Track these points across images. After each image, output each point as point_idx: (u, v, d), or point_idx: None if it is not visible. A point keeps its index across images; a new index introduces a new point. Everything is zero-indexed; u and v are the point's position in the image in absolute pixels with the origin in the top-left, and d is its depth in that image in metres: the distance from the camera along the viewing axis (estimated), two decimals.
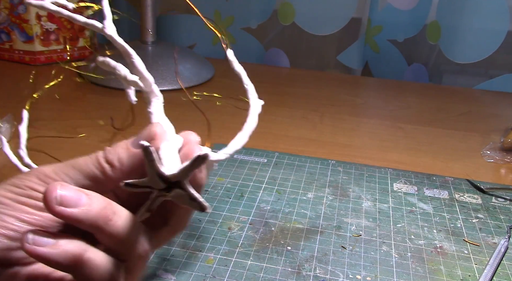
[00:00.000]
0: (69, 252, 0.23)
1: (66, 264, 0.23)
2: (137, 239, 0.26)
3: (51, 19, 0.88)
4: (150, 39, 0.87)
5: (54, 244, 0.23)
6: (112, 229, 0.24)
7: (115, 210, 0.25)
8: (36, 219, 0.24)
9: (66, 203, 0.23)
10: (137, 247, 0.26)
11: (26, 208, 0.24)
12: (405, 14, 0.93)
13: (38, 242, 0.23)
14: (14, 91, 0.75)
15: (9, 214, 0.24)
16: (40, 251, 0.23)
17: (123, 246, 0.25)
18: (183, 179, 0.24)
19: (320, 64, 0.99)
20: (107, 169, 0.26)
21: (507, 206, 0.51)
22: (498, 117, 0.78)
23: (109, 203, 0.24)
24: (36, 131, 0.60)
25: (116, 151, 0.26)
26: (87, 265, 0.23)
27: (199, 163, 0.24)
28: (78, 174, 0.26)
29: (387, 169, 0.58)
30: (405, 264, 0.41)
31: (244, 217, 0.47)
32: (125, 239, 0.25)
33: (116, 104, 0.72)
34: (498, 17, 0.85)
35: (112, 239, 0.24)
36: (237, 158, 0.58)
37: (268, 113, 0.74)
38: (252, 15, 0.99)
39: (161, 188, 0.25)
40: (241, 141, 0.33)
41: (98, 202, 0.24)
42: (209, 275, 0.39)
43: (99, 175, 0.26)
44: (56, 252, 0.23)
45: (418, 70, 0.96)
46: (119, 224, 0.24)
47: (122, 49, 0.31)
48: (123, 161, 0.26)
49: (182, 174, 0.24)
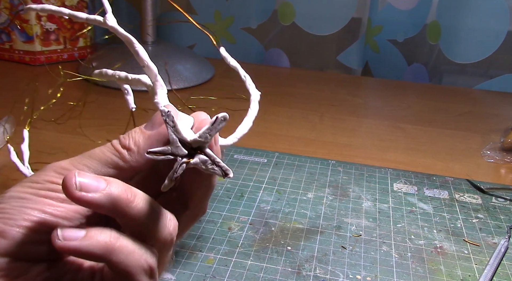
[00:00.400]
0: (101, 242, 0.23)
1: (100, 254, 0.23)
2: (161, 221, 0.25)
3: (51, 19, 0.88)
4: (150, 39, 0.87)
5: (85, 236, 0.23)
6: (134, 211, 0.24)
7: (136, 192, 0.24)
8: (59, 210, 0.24)
9: (85, 189, 0.23)
10: (161, 230, 0.25)
11: (48, 200, 0.24)
12: (405, 14, 0.93)
13: (68, 237, 0.22)
14: (14, 91, 0.75)
15: (31, 207, 0.24)
16: (72, 245, 0.22)
17: (147, 228, 0.25)
18: (204, 144, 0.25)
19: (320, 64, 0.99)
20: (124, 154, 0.26)
21: (507, 206, 0.51)
22: (498, 117, 0.78)
23: (129, 187, 0.24)
24: (36, 131, 0.61)
25: (131, 135, 0.27)
26: (121, 251, 0.23)
27: (219, 123, 0.24)
28: (96, 163, 0.26)
29: (387, 169, 0.58)
30: (405, 264, 0.41)
31: (244, 217, 0.47)
32: (148, 221, 0.25)
33: (116, 104, 0.72)
34: (498, 17, 0.85)
35: (135, 222, 0.24)
36: (237, 158, 0.58)
37: (268, 113, 0.74)
38: (252, 15, 0.99)
39: (183, 155, 0.25)
40: (247, 126, 0.35)
41: (117, 186, 0.24)
42: (209, 275, 0.39)
43: (117, 161, 0.26)
44: (88, 243, 0.23)
45: (418, 70, 0.96)
46: (141, 206, 0.24)
47: (125, 38, 0.31)
48: (139, 143, 0.26)
49: (203, 137, 0.24)
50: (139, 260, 0.24)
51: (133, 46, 0.31)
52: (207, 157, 0.25)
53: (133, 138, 0.26)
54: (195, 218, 0.30)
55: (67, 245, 0.22)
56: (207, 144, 0.25)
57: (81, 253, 0.23)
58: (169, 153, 0.24)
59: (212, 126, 0.24)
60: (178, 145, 0.24)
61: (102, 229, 0.24)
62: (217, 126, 0.24)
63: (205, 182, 0.29)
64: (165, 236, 0.26)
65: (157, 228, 0.25)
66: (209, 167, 0.25)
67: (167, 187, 0.25)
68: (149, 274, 0.25)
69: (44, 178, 0.25)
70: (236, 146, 0.60)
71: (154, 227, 0.25)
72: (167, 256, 0.27)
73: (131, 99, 0.40)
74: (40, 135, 0.61)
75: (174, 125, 0.24)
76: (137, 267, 0.24)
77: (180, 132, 0.24)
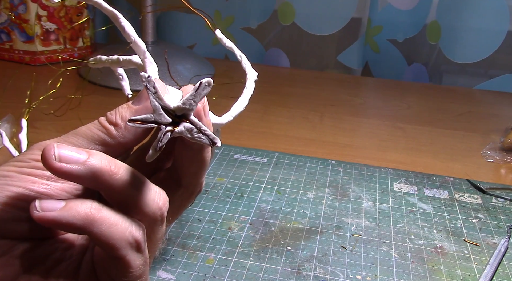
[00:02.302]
0: (81, 212, 0.22)
1: (80, 224, 0.22)
2: (147, 194, 0.24)
3: (51, 19, 0.88)
4: (150, 39, 0.87)
5: (64, 206, 0.22)
6: (118, 183, 0.23)
7: (120, 165, 0.23)
8: (44, 188, 0.23)
9: (65, 160, 0.22)
10: (149, 204, 0.24)
11: (32, 177, 0.23)
12: (405, 14, 0.93)
13: (46, 208, 0.22)
14: (14, 91, 0.75)
15: (15, 184, 0.23)
16: (50, 216, 0.21)
17: (133, 201, 0.24)
18: (189, 111, 0.23)
19: (320, 64, 0.99)
20: (111, 129, 0.25)
21: (507, 206, 0.51)
22: (498, 117, 0.78)
23: (113, 159, 0.23)
24: (36, 131, 0.61)
25: (118, 111, 0.26)
26: (103, 223, 0.22)
27: (203, 89, 0.23)
28: (82, 140, 0.25)
29: (387, 169, 0.58)
30: (405, 264, 0.41)
31: (244, 217, 0.47)
32: (134, 193, 0.24)
33: (116, 104, 0.72)
34: (498, 17, 0.85)
35: (119, 195, 0.23)
36: (237, 158, 0.58)
37: (268, 113, 0.74)
38: (252, 15, 0.99)
39: (167, 123, 0.23)
40: (242, 104, 0.34)
41: (100, 158, 0.23)
42: (209, 275, 0.39)
43: (104, 137, 0.25)
44: (67, 214, 0.22)
45: (418, 70, 0.96)
46: (126, 178, 0.23)
47: (110, 13, 0.31)
48: (126, 118, 0.25)
49: (187, 104, 0.23)
50: (123, 233, 0.23)
51: (119, 21, 0.30)
52: (193, 125, 0.24)
53: (119, 113, 0.26)
54: (191, 196, 0.29)
55: (45, 216, 0.21)
56: (192, 112, 0.24)
57: (59, 224, 0.22)
58: (151, 121, 0.23)
59: (196, 91, 0.23)
60: (161, 113, 0.23)
61: (83, 200, 0.23)
62: (201, 92, 0.23)
63: (197, 157, 0.28)
64: (154, 211, 0.25)
65: (144, 202, 0.24)
66: (195, 136, 0.24)
67: (151, 158, 0.23)
68: (135, 248, 0.24)
69: (29, 156, 0.24)
70: (236, 146, 0.60)
71: (140, 200, 0.24)
72: (158, 232, 0.26)
73: (126, 85, 0.39)
74: (39, 135, 0.61)
75: (155, 91, 0.23)
76: (121, 239, 0.23)
77: (162, 99, 0.23)
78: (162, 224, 0.26)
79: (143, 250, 0.24)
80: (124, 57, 0.34)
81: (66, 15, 0.90)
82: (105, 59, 0.36)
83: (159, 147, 0.23)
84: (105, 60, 0.36)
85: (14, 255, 0.23)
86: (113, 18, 0.30)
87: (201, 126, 0.24)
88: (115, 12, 0.30)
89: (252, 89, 0.36)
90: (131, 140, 0.26)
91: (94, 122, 0.26)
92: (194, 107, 0.23)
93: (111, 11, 0.30)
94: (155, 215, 0.25)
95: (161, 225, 0.26)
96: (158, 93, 0.23)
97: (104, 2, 0.31)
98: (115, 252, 0.23)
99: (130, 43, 0.31)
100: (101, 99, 0.73)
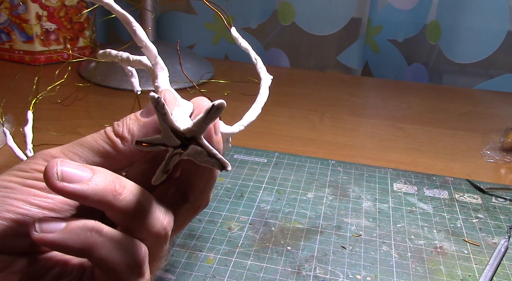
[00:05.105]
0: (81, 236, 0.21)
1: (80, 248, 0.21)
2: (153, 214, 0.23)
3: (51, 19, 0.88)
4: (150, 39, 0.87)
5: (64, 228, 0.21)
6: (122, 204, 0.22)
7: (124, 183, 0.23)
8: (45, 201, 0.23)
9: (68, 179, 0.21)
10: (153, 224, 0.23)
11: (34, 190, 0.23)
12: (405, 14, 0.94)
13: (46, 229, 0.21)
14: (14, 91, 0.75)
15: (16, 197, 0.22)
16: (49, 238, 0.21)
17: (137, 221, 0.23)
18: (199, 134, 0.22)
19: (320, 64, 0.99)
20: (117, 143, 0.24)
21: (507, 206, 0.51)
22: (498, 117, 0.78)
23: (117, 177, 0.22)
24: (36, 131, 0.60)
25: (125, 123, 0.25)
26: (103, 247, 0.22)
27: (214, 112, 0.22)
28: (87, 152, 0.24)
29: (387, 169, 0.58)
30: (405, 264, 0.41)
31: (244, 217, 0.47)
32: (138, 213, 0.23)
33: (116, 104, 0.72)
34: (498, 17, 0.85)
35: (124, 215, 0.23)
36: (237, 158, 0.58)
37: (268, 113, 0.74)
38: (252, 15, 0.99)
39: (176, 145, 0.22)
40: (255, 113, 0.32)
41: (104, 176, 0.22)
42: (209, 275, 0.39)
43: (110, 150, 0.24)
44: (66, 237, 0.21)
45: (418, 70, 0.96)
46: (130, 198, 0.22)
47: (122, 17, 0.30)
48: (133, 132, 0.25)
49: (198, 127, 0.22)
50: (124, 257, 0.22)
51: (131, 25, 0.29)
52: (203, 148, 0.23)
53: (127, 125, 0.25)
54: (197, 211, 0.28)
55: (44, 238, 0.21)
56: (201, 134, 0.23)
57: (59, 247, 0.21)
58: (159, 143, 0.22)
59: (207, 115, 0.22)
60: (170, 135, 0.22)
61: (84, 222, 0.22)
62: (213, 115, 0.22)
63: (206, 173, 0.27)
64: (158, 230, 0.24)
65: (148, 222, 0.23)
66: (204, 159, 0.23)
67: (158, 180, 0.23)
68: (137, 273, 0.23)
69: (32, 166, 0.23)
70: (236, 146, 0.60)
71: (145, 220, 0.23)
72: (161, 251, 0.26)
73: (136, 82, 0.38)
74: (40, 135, 0.60)
75: (164, 113, 0.22)
76: (122, 264, 0.22)
77: (171, 121, 0.22)
78: (165, 243, 0.25)
79: (144, 273, 0.24)
80: (134, 57, 0.33)
81: (66, 15, 0.90)
82: (114, 54, 0.34)
83: (166, 170, 0.23)
84: (114, 55, 0.34)
85: (13, 271, 0.22)
86: (125, 21, 0.29)
87: (211, 150, 0.23)
88: (127, 15, 0.29)
89: (266, 97, 0.33)
90: (137, 154, 0.25)
91: (101, 132, 0.25)
92: (204, 130, 0.22)
93: (123, 14, 0.29)
94: (159, 234, 0.24)
95: (165, 244, 0.25)
96: (167, 115, 0.22)
97: (116, 5, 0.30)
98: (115, 277, 0.22)
99: (141, 48, 0.30)
100: (101, 99, 0.73)
